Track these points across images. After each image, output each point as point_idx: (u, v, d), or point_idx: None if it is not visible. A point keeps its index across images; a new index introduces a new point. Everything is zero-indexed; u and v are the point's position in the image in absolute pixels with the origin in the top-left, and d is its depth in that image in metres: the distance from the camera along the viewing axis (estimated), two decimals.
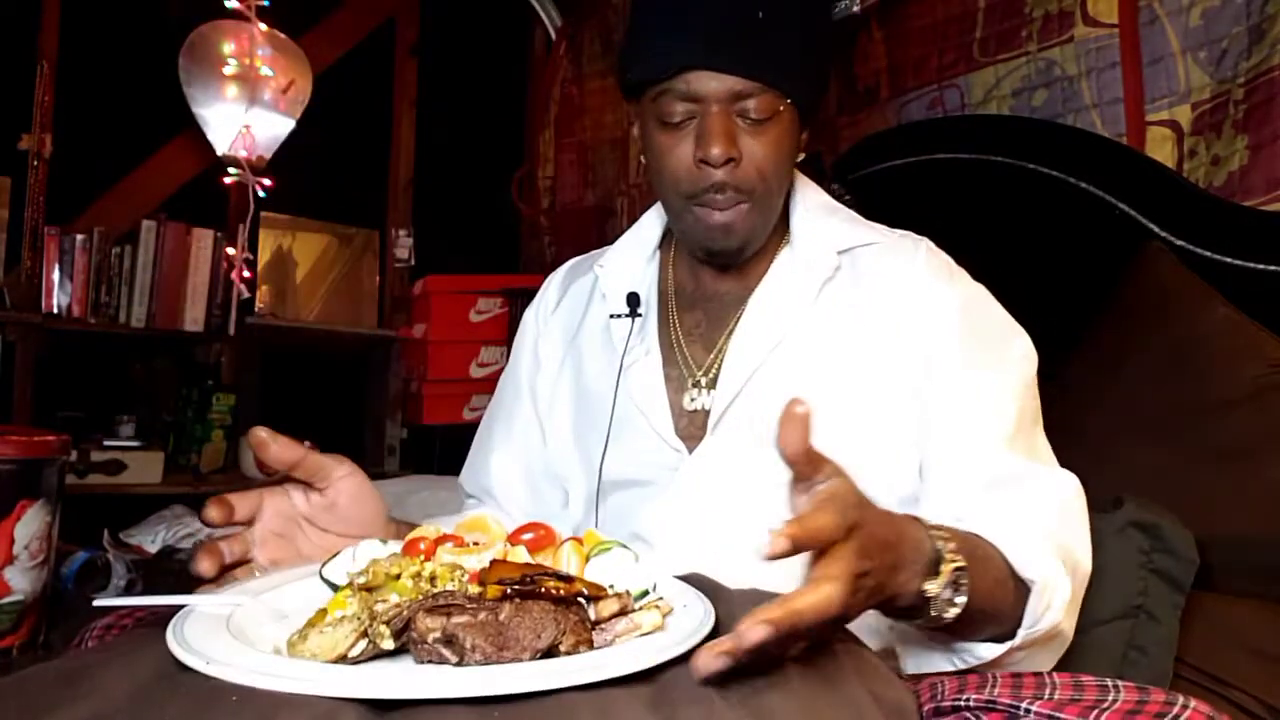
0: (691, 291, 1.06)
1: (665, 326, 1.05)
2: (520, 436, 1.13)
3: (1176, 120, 1.54)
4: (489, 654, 0.54)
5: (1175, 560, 1.06)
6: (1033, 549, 0.80)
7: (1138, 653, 1.03)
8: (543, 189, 3.12)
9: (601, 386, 1.04)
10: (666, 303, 1.07)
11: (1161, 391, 1.28)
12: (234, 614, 0.62)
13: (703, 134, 0.92)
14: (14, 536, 1.11)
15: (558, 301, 1.17)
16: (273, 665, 0.54)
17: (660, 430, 0.99)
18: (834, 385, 0.94)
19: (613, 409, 1.01)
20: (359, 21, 3.07)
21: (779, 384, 0.95)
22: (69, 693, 0.54)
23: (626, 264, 1.10)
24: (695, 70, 0.91)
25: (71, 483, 1.98)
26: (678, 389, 1.02)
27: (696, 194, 0.94)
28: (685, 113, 0.93)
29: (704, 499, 0.95)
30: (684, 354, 1.03)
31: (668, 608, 0.62)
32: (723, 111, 0.91)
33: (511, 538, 0.69)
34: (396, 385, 3.08)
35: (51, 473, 1.17)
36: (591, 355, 1.08)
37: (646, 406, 1.01)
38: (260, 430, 0.77)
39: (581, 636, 0.57)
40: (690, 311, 1.05)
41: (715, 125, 0.91)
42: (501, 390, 1.20)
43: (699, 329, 1.04)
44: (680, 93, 0.92)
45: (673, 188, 0.96)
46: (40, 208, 2.46)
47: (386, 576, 0.61)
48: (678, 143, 0.94)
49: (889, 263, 0.99)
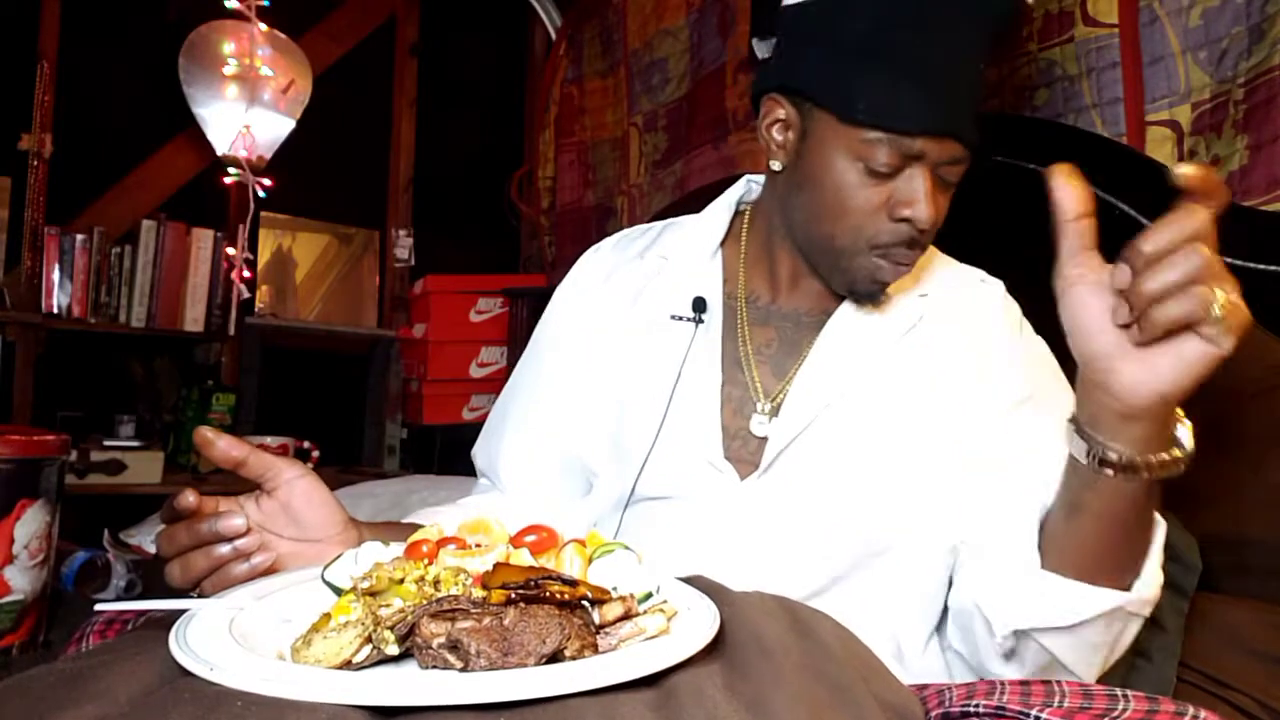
0: (765, 304, 1.01)
1: (731, 340, 0.99)
2: (542, 424, 1.07)
3: (1176, 120, 1.54)
4: (494, 660, 0.54)
5: (1178, 566, 1.06)
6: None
7: (1142, 659, 1.03)
8: (543, 189, 3.12)
9: (651, 390, 0.98)
10: (735, 312, 1.01)
11: None
12: (236, 618, 0.62)
13: (913, 195, 0.87)
14: (14, 536, 1.11)
15: (594, 288, 1.08)
16: (277, 671, 0.53)
17: (709, 454, 0.94)
18: (901, 432, 0.92)
19: (662, 421, 0.96)
20: (359, 21, 3.08)
21: (845, 424, 0.93)
22: (72, 695, 0.53)
23: (690, 258, 1.03)
24: (941, 135, 0.86)
25: (71, 483, 1.98)
26: (735, 410, 0.97)
27: (884, 246, 0.90)
28: (897, 166, 0.87)
29: (755, 532, 0.92)
30: (750, 375, 0.98)
31: (672, 611, 0.62)
32: (931, 173, 0.88)
33: (514, 540, 0.69)
34: (396, 385, 3.08)
35: (51, 472, 1.16)
36: (644, 351, 1.01)
37: (698, 426, 0.95)
38: (205, 430, 0.77)
39: (586, 641, 0.56)
40: (762, 327, 1.00)
41: (930, 188, 0.87)
42: (522, 371, 1.13)
43: (769, 349, 0.99)
44: (904, 148, 0.86)
45: (856, 231, 0.90)
46: (40, 208, 2.46)
47: (390, 581, 0.61)
48: (874, 189, 0.88)
49: (968, 310, 0.98)
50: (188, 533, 0.74)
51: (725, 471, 0.94)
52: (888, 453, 0.92)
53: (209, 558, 0.74)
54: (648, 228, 1.12)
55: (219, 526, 0.73)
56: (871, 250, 0.90)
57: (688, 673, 0.55)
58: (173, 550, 0.75)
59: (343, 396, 3.13)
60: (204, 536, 0.74)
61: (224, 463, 0.77)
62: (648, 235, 1.10)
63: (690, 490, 0.95)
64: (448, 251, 3.17)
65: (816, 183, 0.91)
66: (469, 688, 0.50)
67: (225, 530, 0.73)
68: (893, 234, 0.89)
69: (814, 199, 0.91)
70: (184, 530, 0.74)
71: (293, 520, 0.79)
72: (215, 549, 0.74)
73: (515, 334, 2.82)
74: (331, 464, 2.88)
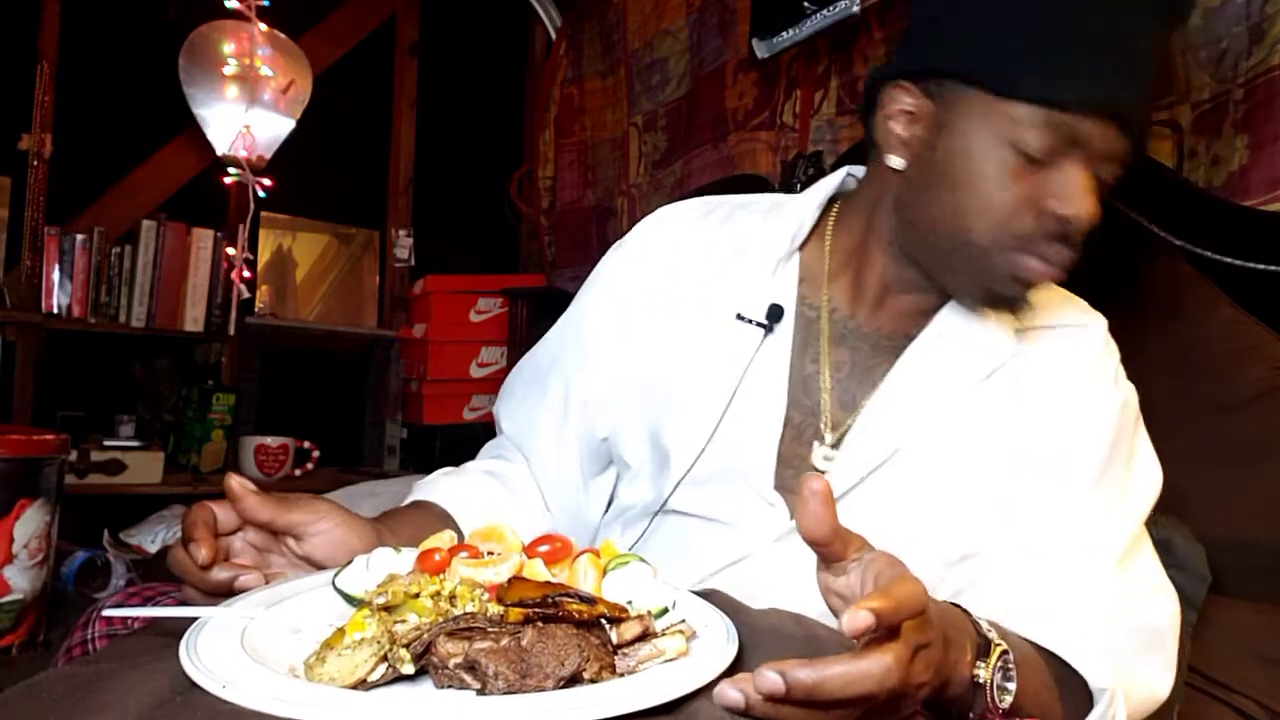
0: (844, 319, 0.91)
1: (804, 355, 0.90)
2: (579, 401, 0.98)
3: (1176, 120, 1.54)
4: (512, 682, 0.53)
5: (1187, 577, 1.05)
6: (1098, 656, 0.76)
7: None
8: (543, 189, 3.12)
9: (709, 399, 0.89)
10: (810, 325, 0.90)
11: (1166, 392, 1.27)
12: (248, 629, 0.61)
13: (1070, 188, 0.77)
14: (13, 535, 1.11)
15: (667, 252, 0.96)
16: (291, 690, 0.52)
17: (758, 483, 0.87)
18: (971, 487, 0.84)
19: (712, 434, 0.87)
20: (359, 21, 3.07)
21: (913, 471, 0.84)
22: (81, 706, 0.53)
23: (770, 252, 0.91)
24: (1105, 117, 0.76)
25: (71, 482, 1.98)
26: (796, 434, 0.88)
27: (1032, 239, 0.79)
28: (1054, 153, 0.77)
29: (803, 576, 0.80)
30: (817, 398, 0.89)
31: (690, 631, 0.61)
32: (1089, 168, 0.78)
33: (528, 550, 0.68)
34: (396, 385, 3.08)
35: (51, 472, 1.16)
36: (707, 351, 0.91)
37: (752, 450, 0.87)
38: (233, 481, 0.74)
39: (604, 663, 0.55)
40: (838, 346, 0.90)
41: (1095, 189, 0.78)
42: (563, 336, 1.02)
43: (840, 373, 0.89)
44: (1064, 131, 0.76)
45: (1000, 227, 0.79)
46: (40, 208, 2.46)
47: (405, 595, 0.60)
48: (1025, 177, 0.78)
49: (1063, 354, 0.88)
50: (199, 576, 0.71)
51: (776, 505, 0.86)
52: (954, 507, 0.84)
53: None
54: (716, 203, 0.99)
55: (236, 585, 0.71)
56: (1017, 244, 0.79)
57: (708, 698, 0.54)
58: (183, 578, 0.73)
59: (343, 396, 3.13)
60: (219, 588, 0.71)
61: (249, 520, 0.75)
62: (717, 213, 0.97)
63: (733, 517, 0.87)
64: (448, 251, 3.17)
65: (954, 175, 0.80)
66: (487, 711, 0.50)
67: (241, 588, 0.71)
68: (1043, 227, 0.79)
69: (949, 195, 0.80)
70: (196, 574, 0.71)
71: (319, 566, 0.76)
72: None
73: (515, 334, 2.82)
74: (331, 464, 2.88)
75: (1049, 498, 0.85)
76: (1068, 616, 0.79)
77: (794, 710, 0.52)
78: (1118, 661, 0.77)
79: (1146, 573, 0.86)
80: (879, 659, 0.52)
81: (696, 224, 0.97)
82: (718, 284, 0.92)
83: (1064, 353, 0.89)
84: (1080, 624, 0.78)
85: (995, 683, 0.64)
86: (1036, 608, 0.79)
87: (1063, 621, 0.78)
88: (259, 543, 0.77)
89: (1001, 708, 0.64)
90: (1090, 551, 0.83)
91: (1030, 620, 0.78)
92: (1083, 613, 0.80)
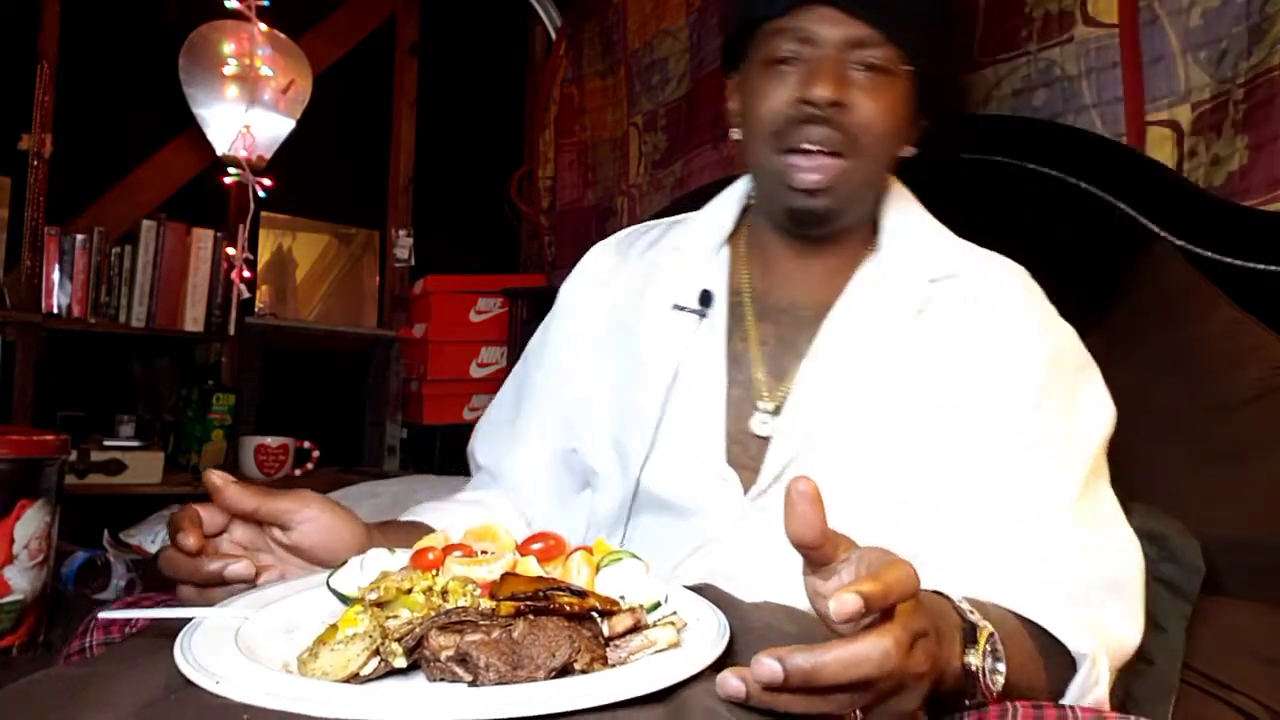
0: (764, 297, 0.96)
1: (734, 335, 0.95)
2: (551, 426, 1.04)
3: (1176, 120, 1.54)
4: (503, 673, 0.53)
5: (1181, 570, 1.05)
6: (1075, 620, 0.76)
7: (1145, 663, 1.02)
8: (543, 189, 3.12)
9: (652, 387, 0.94)
10: (738, 306, 0.96)
11: (1165, 392, 1.28)
12: (242, 628, 0.61)
13: (810, 73, 0.85)
14: (14, 536, 1.11)
15: (605, 281, 1.05)
16: (283, 684, 0.53)
17: (709, 456, 0.90)
18: (911, 433, 0.87)
19: (660, 418, 0.92)
20: (359, 21, 3.07)
21: (853, 426, 0.87)
22: (76, 704, 0.53)
23: (695, 251, 1.00)
24: (815, 7, 0.85)
25: (71, 483, 1.98)
26: (738, 410, 0.92)
27: (788, 133, 0.86)
28: (796, 52, 0.86)
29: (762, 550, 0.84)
30: (750, 373, 0.93)
31: (682, 623, 0.61)
32: (838, 57, 0.85)
33: (521, 548, 0.68)
34: (396, 385, 3.08)
35: (51, 472, 1.16)
36: (648, 344, 0.97)
37: (698, 426, 0.91)
38: (213, 475, 0.74)
39: (596, 654, 0.56)
40: (762, 322, 0.95)
41: (826, 65, 0.85)
42: (528, 367, 1.09)
43: (768, 345, 0.94)
44: (797, 31, 0.86)
45: (764, 129, 0.88)
46: (40, 208, 2.46)
47: (398, 591, 0.60)
48: (779, 83, 0.87)
49: (983, 298, 0.91)
50: (190, 568, 0.71)
51: (729, 481, 0.89)
52: (898, 459, 0.87)
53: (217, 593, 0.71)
54: (654, 224, 1.09)
55: (227, 574, 0.70)
56: (778, 144, 0.87)
57: (699, 687, 0.54)
58: (175, 576, 0.73)
59: (343, 396, 3.13)
60: (210, 579, 0.71)
61: (233, 510, 0.75)
62: (654, 231, 1.07)
63: (696, 501, 0.90)
64: (448, 251, 3.17)
65: (746, 115, 0.92)
66: (478, 702, 0.50)
67: (232, 578, 0.70)
68: (794, 117, 0.86)
69: (747, 132, 0.91)
70: (187, 566, 0.71)
71: (307, 558, 0.77)
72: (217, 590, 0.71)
73: (515, 334, 2.82)
74: (331, 464, 2.88)
75: (988, 445, 0.85)
76: (1032, 577, 0.78)
77: (793, 698, 0.52)
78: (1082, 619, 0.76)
79: (1105, 519, 0.86)
80: (877, 642, 0.52)
81: (635, 243, 1.06)
82: (657, 289, 0.99)
83: (987, 289, 0.92)
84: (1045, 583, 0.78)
85: (987, 667, 0.63)
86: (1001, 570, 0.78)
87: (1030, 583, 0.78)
88: (246, 540, 0.77)
89: (995, 691, 0.64)
90: (1039, 502, 0.82)
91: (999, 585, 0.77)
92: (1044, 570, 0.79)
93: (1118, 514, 0.88)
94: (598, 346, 1.02)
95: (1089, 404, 0.90)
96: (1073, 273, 1.58)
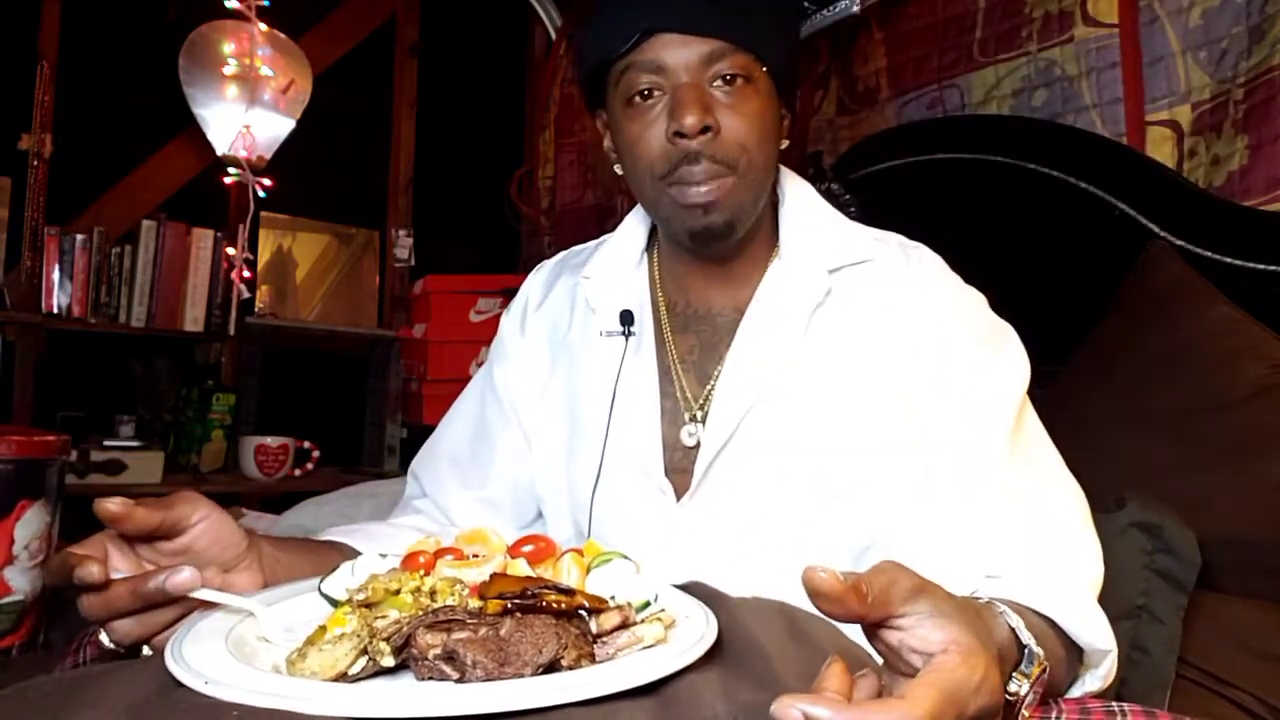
0: (683, 310, 0.99)
1: (661, 349, 0.97)
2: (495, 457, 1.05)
3: (1176, 120, 1.54)
4: (490, 670, 0.54)
5: (1177, 561, 1.06)
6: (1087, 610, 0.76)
7: (1140, 653, 1.03)
8: (543, 189, 3.12)
9: (593, 411, 0.96)
10: (660, 321, 0.99)
11: (1163, 390, 1.28)
12: (233, 630, 0.62)
13: (675, 105, 0.85)
14: (14, 536, 1.11)
15: (540, 303, 1.08)
16: (272, 684, 0.53)
17: (650, 469, 0.92)
18: (832, 420, 0.88)
19: (605, 441, 0.93)
20: (359, 21, 3.08)
21: (772, 426, 0.88)
22: (69, 704, 0.53)
23: (613, 273, 1.01)
24: (660, 35, 0.85)
25: (71, 483, 1.97)
26: (671, 421, 0.94)
27: (671, 171, 0.87)
28: (652, 84, 0.86)
29: (694, 554, 0.87)
30: (679, 383, 0.95)
31: (670, 619, 0.61)
32: (695, 82, 0.85)
33: (511, 550, 0.69)
34: (396, 385, 3.08)
35: (51, 472, 1.16)
36: (585, 369, 0.99)
37: (638, 442, 0.93)
38: (109, 504, 0.69)
39: (583, 650, 0.56)
40: (684, 334, 0.97)
41: (687, 94, 0.84)
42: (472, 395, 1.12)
43: (692, 355, 0.96)
44: (647, 64, 0.86)
45: (646, 171, 0.88)
46: (40, 208, 2.46)
47: (386, 592, 0.61)
48: (648, 123, 0.87)
49: (882, 281, 0.93)
50: (132, 596, 0.67)
51: (667, 493, 0.91)
52: (823, 446, 0.87)
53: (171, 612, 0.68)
54: (585, 246, 1.10)
55: (169, 586, 0.65)
56: (664, 182, 0.88)
57: (686, 680, 0.54)
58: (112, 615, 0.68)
59: (343, 396, 3.13)
60: (153, 598, 0.66)
61: (142, 532, 0.71)
62: (583, 253, 1.08)
63: (641, 513, 0.92)
64: (448, 251, 3.17)
65: (622, 156, 0.92)
66: (465, 699, 0.50)
67: (174, 590, 0.65)
68: (672, 154, 0.86)
69: (629, 170, 0.92)
70: (127, 595, 0.67)
71: (194, 559, 0.73)
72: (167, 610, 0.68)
73: None
74: (331, 464, 2.89)
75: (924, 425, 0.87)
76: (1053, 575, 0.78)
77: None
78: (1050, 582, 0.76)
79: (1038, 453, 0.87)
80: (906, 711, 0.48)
81: (565, 264, 1.09)
82: (583, 314, 1.01)
83: (884, 276, 0.93)
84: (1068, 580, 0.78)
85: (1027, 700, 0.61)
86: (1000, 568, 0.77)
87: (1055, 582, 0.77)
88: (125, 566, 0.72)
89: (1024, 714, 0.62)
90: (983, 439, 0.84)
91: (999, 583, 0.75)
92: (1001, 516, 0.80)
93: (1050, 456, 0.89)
94: (544, 374, 1.03)
95: (1006, 364, 0.91)
96: (1072, 272, 1.58)
